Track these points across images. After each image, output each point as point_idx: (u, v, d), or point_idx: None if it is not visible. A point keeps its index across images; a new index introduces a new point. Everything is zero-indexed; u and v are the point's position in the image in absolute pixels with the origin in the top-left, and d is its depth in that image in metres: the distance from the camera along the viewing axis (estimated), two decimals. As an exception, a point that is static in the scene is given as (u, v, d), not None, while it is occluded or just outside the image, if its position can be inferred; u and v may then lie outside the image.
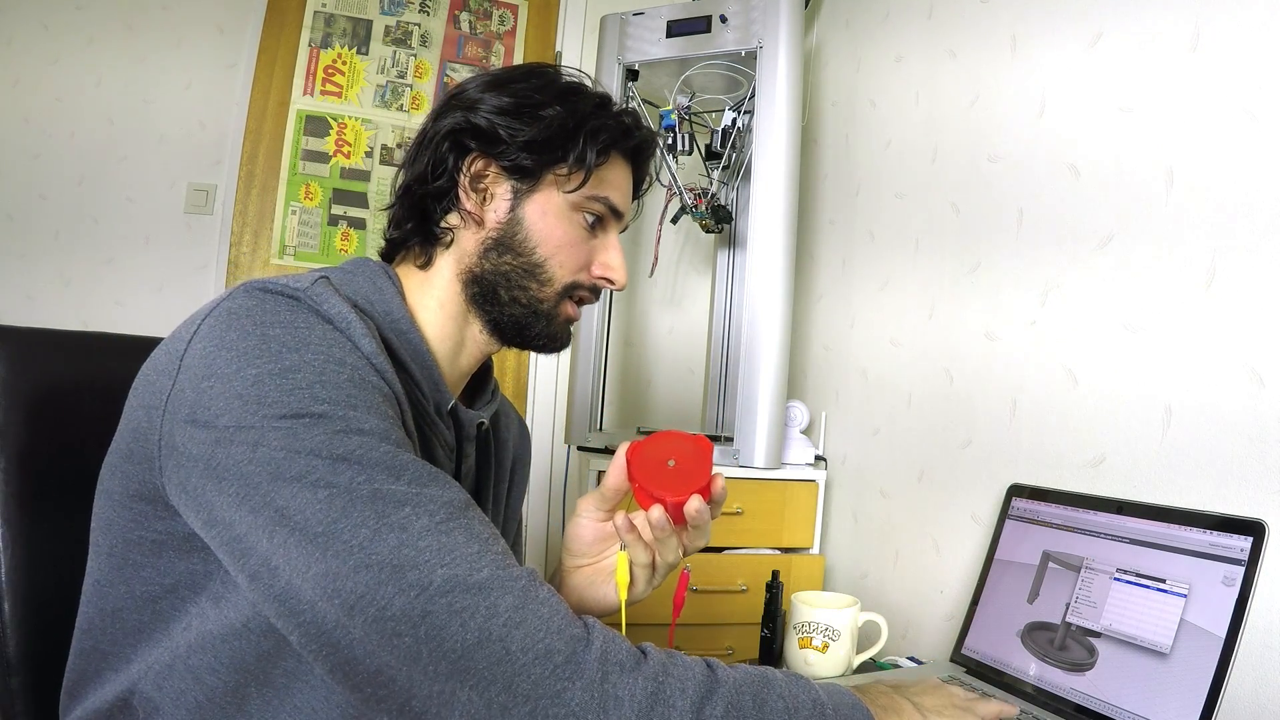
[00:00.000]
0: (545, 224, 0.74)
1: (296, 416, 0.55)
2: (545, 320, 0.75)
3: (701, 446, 0.67)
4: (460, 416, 0.76)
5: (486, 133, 0.72)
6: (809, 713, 0.58)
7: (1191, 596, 0.88)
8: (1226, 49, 1.00)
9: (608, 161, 0.76)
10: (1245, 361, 0.96)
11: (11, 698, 0.70)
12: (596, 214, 0.76)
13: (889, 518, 1.55)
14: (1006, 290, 1.31)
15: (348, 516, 0.53)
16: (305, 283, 0.63)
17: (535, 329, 0.75)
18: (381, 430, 0.57)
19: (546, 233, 0.74)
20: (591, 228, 0.76)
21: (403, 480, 0.56)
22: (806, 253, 1.90)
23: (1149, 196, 1.09)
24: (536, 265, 0.74)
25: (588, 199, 0.75)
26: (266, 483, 0.53)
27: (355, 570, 0.51)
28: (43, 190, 1.81)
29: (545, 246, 0.74)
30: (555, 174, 0.73)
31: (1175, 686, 0.85)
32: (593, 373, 1.80)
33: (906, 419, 1.52)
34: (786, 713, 0.57)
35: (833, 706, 0.60)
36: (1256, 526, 0.85)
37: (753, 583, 1.56)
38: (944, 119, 1.50)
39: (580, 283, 0.76)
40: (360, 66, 2.03)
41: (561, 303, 0.76)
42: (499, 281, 0.74)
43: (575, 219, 0.75)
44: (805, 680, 0.61)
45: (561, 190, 0.74)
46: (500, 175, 0.74)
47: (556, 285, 0.74)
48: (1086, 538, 1.02)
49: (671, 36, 1.73)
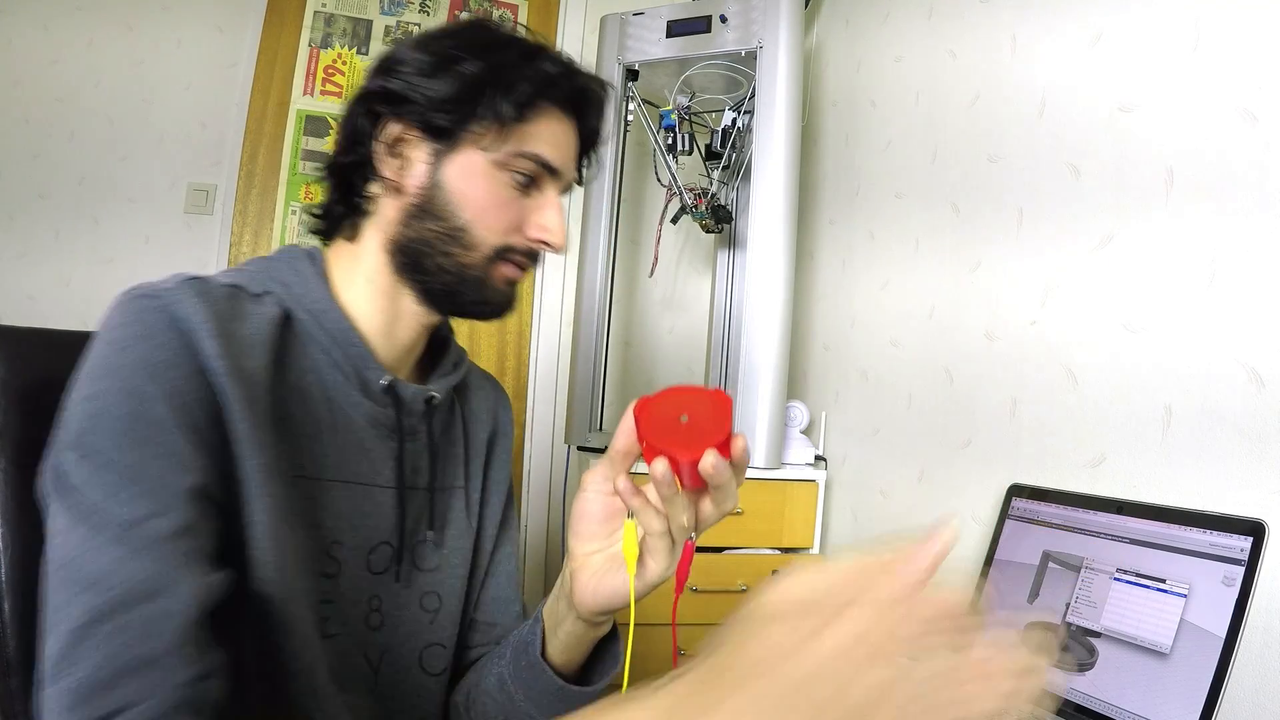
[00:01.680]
0: (467, 186, 0.69)
1: (74, 449, 0.56)
2: (476, 286, 0.71)
3: (719, 401, 0.59)
4: (400, 393, 0.72)
5: (399, 95, 0.69)
6: None
7: (1191, 596, 0.88)
8: (1226, 49, 1.00)
9: (538, 114, 0.70)
10: (1245, 361, 0.96)
11: (11, 698, 0.70)
12: (526, 173, 0.70)
13: (889, 518, 1.55)
14: (1006, 290, 1.31)
15: (52, 589, 0.55)
16: (174, 282, 0.62)
17: (467, 296, 0.71)
18: (119, 516, 0.53)
19: (469, 195, 0.69)
20: (524, 187, 0.71)
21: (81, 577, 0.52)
22: (806, 253, 1.90)
23: (1149, 196, 1.09)
24: (460, 230, 0.69)
25: (513, 156, 0.69)
26: (47, 498, 0.58)
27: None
28: (43, 190, 1.81)
29: (468, 209, 0.69)
30: (474, 132, 0.69)
31: (1175, 686, 0.85)
32: (593, 373, 1.80)
33: (906, 419, 1.52)
34: None
35: None
36: (1256, 526, 0.85)
37: (753, 583, 1.56)
38: (944, 119, 1.50)
39: (512, 245, 0.71)
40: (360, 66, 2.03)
41: (493, 266, 0.71)
42: (423, 249, 0.70)
43: (501, 178, 0.70)
44: None
45: (482, 149, 0.69)
46: (418, 138, 0.70)
47: (483, 249, 0.70)
48: (1086, 538, 1.02)
49: (671, 36, 1.73)
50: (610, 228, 1.80)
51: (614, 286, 1.85)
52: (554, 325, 2.13)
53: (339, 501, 0.68)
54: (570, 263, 2.08)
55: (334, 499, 0.68)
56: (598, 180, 1.80)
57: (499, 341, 2.08)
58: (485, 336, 2.06)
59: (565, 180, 0.74)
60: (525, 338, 2.12)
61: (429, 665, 0.75)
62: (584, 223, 1.85)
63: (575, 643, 0.69)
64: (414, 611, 0.74)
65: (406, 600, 0.74)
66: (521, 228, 0.71)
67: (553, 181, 0.72)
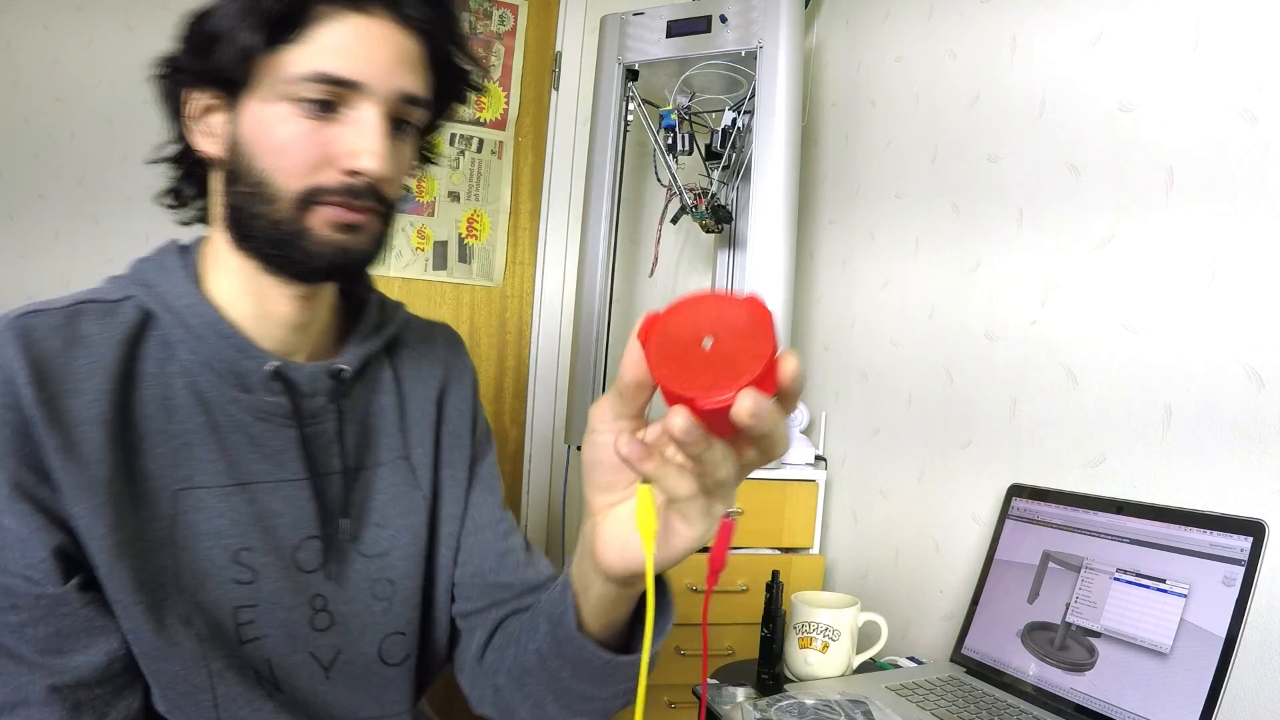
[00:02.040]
0: (258, 132, 0.62)
1: None
2: (293, 243, 0.62)
3: (755, 312, 0.41)
4: (292, 376, 0.66)
5: (181, 63, 0.64)
6: None
7: (1191, 596, 0.88)
8: (1226, 49, 1.00)
9: (314, 24, 0.60)
10: (1245, 361, 0.96)
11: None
12: (314, 98, 0.61)
13: (889, 518, 1.55)
14: (1006, 290, 1.31)
15: None
16: (14, 311, 0.61)
17: (292, 256, 0.63)
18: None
19: (261, 142, 0.62)
20: (321, 115, 0.61)
21: None
22: (806, 253, 1.90)
23: (1149, 196, 1.09)
24: (260, 183, 0.62)
25: (294, 83, 0.60)
26: None
27: None
28: (43, 190, 1.81)
29: (263, 158, 0.62)
30: (255, 72, 0.61)
31: (1175, 686, 0.85)
32: (593, 373, 1.80)
33: (906, 419, 1.52)
34: None
35: None
36: (1256, 526, 0.85)
37: (753, 583, 1.56)
38: (944, 119, 1.50)
39: (320, 185, 0.62)
40: (360, 66, 2.03)
41: (306, 215, 0.62)
42: (239, 216, 0.64)
43: (288, 112, 0.61)
44: None
45: (266, 87, 0.61)
46: (216, 103, 0.64)
47: (287, 198, 0.62)
48: (1086, 538, 1.02)
49: (671, 36, 1.73)
50: (610, 228, 1.80)
51: (614, 286, 1.85)
52: (554, 325, 2.13)
53: (239, 506, 0.65)
54: (570, 263, 2.09)
55: (233, 505, 0.64)
56: (598, 180, 1.80)
57: (499, 341, 2.08)
58: (485, 336, 2.06)
59: (382, 93, 0.62)
60: (525, 338, 2.12)
61: (389, 655, 0.72)
62: (584, 223, 1.85)
63: (611, 605, 0.58)
64: (365, 603, 0.71)
65: (355, 593, 0.70)
66: (332, 161, 0.62)
67: (361, 98, 0.62)
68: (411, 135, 0.68)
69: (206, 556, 0.63)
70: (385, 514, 0.73)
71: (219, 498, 0.64)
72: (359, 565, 0.70)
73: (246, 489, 0.65)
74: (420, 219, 1.99)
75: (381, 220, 0.66)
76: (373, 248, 0.66)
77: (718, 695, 1.05)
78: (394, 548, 0.72)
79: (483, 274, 2.04)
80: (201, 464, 0.64)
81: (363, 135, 0.62)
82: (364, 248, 0.65)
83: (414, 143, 0.70)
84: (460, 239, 2.03)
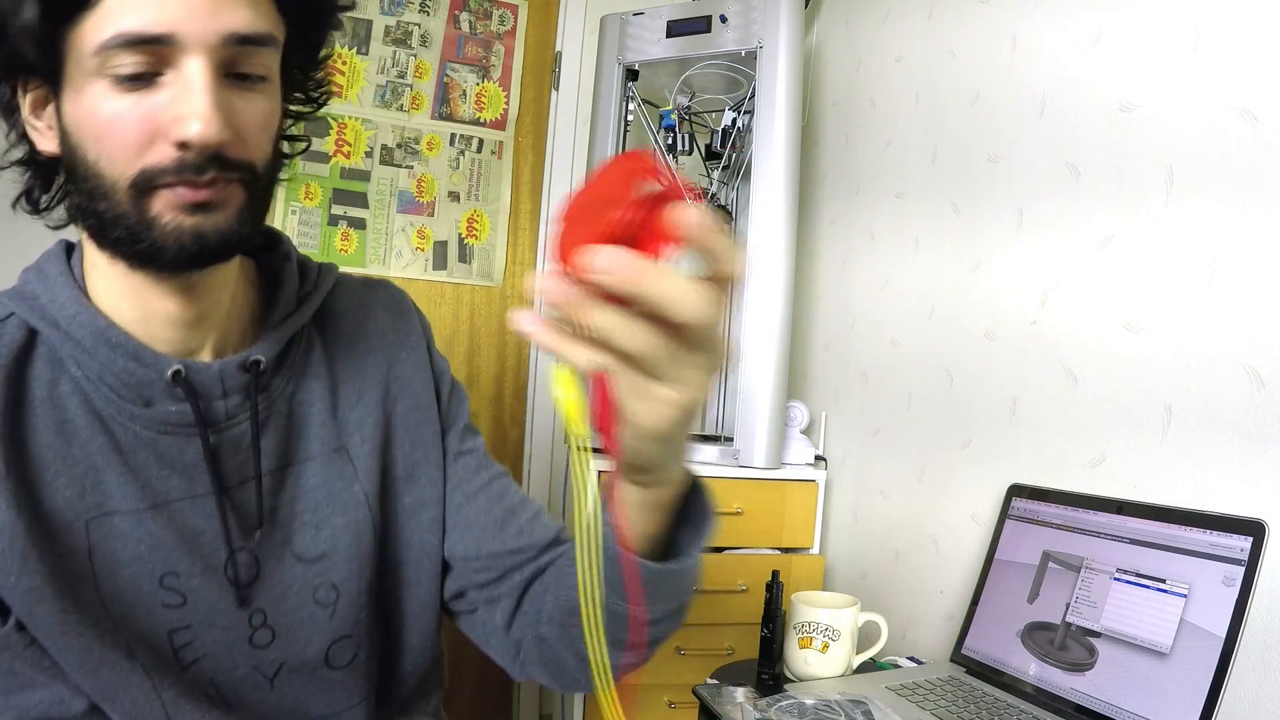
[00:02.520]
0: (79, 119, 0.53)
1: None
2: (141, 235, 0.54)
3: (626, 165, 0.38)
4: (196, 380, 0.60)
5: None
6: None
7: (1191, 596, 0.88)
8: (1226, 49, 1.00)
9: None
10: (1245, 361, 0.96)
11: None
12: (125, 70, 0.51)
13: (889, 518, 1.55)
14: (1006, 290, 1.31)
15: None
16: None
17: (145, 251, 0.55)
18: None
19: (84, 129, 0.53)
20: (137, 85, 0.52)
21: None
22: (806, 253, 1.90)
23: (1149, 196, 1.09)
24: (93, 176, 0.54)
25: (98, 54, 0.50)
26: None
27: None
28: (43, 190, 1.81)
29: (90, 147, 0.53)
30: (56, 54, 0.53)
31: (1175, 686, 0.85)
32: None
33: (906, 419, 1.52)
34: None
35: None
36: (1256, 526, 0.85)
37: (753, 583, 1.56)
38: (944, 119, 1.50)
39: (152, 166, 0.53)
40: (360, 66, 2.03)
41: (145, 202, 0.54)
42: (86, 215, 0.57)
43: (104, 90, 0.52)
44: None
45: (71, 68, 0.53)
46: (41, 94, 0.56)
47: (121, 187, 0.53)
48: (1086, 538, 1.02)
49: (671, 36, 1.73)
50: (610, 228, 1.80)
51: (614, 286, 1.85)
52: (554, 325, 2.13)
53: (157, 529, 0.59)
54: (570, 263, 2.09)
55: (150, 529, 0.59)
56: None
57: (499, 341, 2.08)
58: (485, 336, 2.06)
59: (202, 42, 0.51)
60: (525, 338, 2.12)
61: (335, 660, 0.68)
62: (584, 223, 1.85)
63: (640, 511, 0.54)
64: (309, 611, 0.66)
65: (297, 602, 0.65)
66: (162, 135, 0.52)
67: (179, 54, 0.51)
68: (267, 83, 0.58)
69: (131, 584, 0.58)
70: (321, 513, 0.66)
71: (134, 523, 0.59)
72: (298, 571, 0.65)
73: (163, 509, 0.60)
74: (420, 219, 1.99)
75: (244, 188, 0.56)
76: (239, 223, 0.56)
77: (718, 695, 1.05)
78: (333, 549, 0.67)
79: (483, 274, 2.04)
80: (111, 488, 0.58)
81: (185, 98, 0.51)
82: (226, 226, 0.55)
83: (274, 88, 0.59)
84: (460, 239, 2.03)
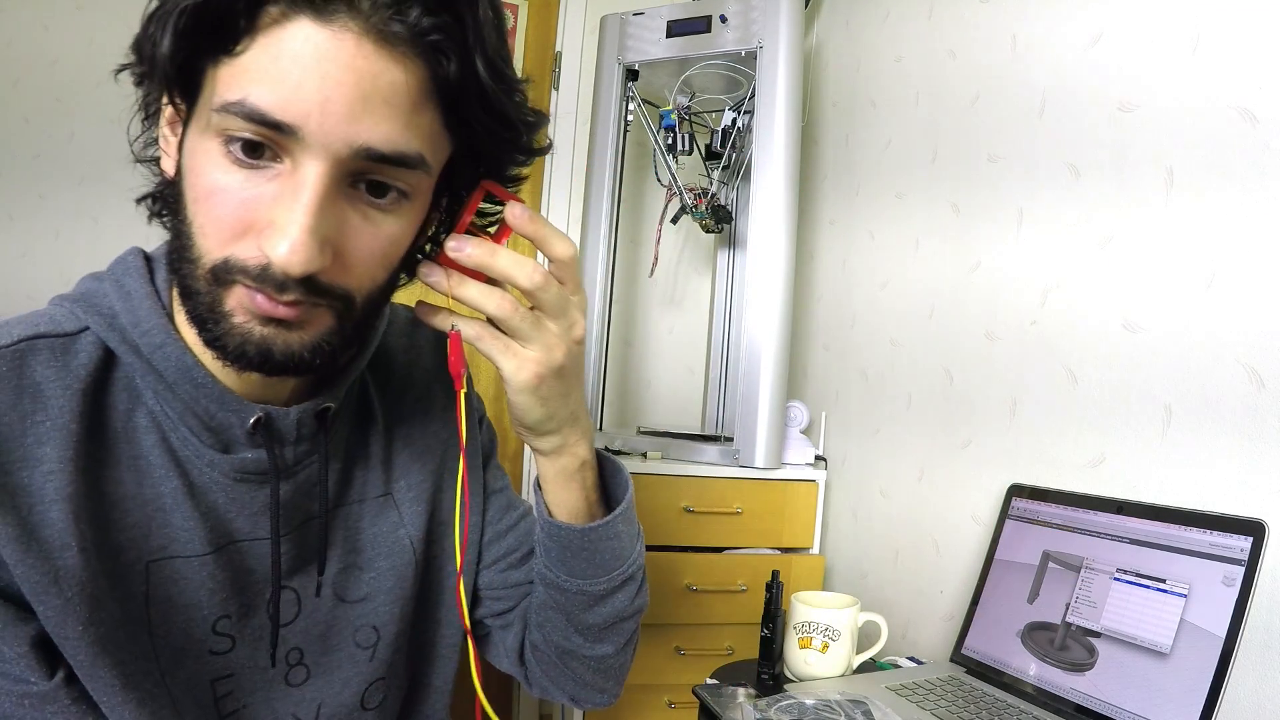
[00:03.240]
0: (191, 168, 0.48)
1: None
2: (208, 321, 0.49)
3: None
4: (276, 427, 0.57)
5: (139, 55, 0.48)
6: None
7: (1191, 596, 0.88)
8: (1226, 49, 1.00)
9: (259, 31, 0.44)
10: (1245, 361, 0.96)
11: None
12: (238, 136, 0.45)
13: (889, 518, 1.55)
14: (1006, 290, 1.31)
15: None
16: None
17: (214, 336, 0.50)
18: None
19: (190, 182, 0.48)
20: (250, 163, 0.46)
21: None
22: (806, 253, 1.90)
23: (1149, 196, 1.09)
24: (185, 232, 0.49)
25: (220, 111, 0.45)
26: None
27: None
28: (42, 190, 1.81)
29: (191, 203, 0.48)
30: (191, 86, 0.48)
31: (1175, 686, 0.85)
32: (593, 373, 1.80)
33: (906, 419, 1.52)
34: None
35: None
36: (1256, 526, 0.85)
37: (753, 583, 1.56)
38: (944, 119, 1.50)
39: (236, 260, 0.47)
40: (360, 66, 2.03)
41: (222, 292, 0.48)
42: (175, 260, 0.51)
43: (218, 151, 0.46)
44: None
45: (200, 108, 0.48)
46: (175, 116, 0.51)
47: (204, 263, 0.48)
48: (1086, 538, 1.02)
49: (671, 36, 1.73)
50: (610, 228, 1.80)
51: (614, 286, 1.85)
52: (554, 325, 2.13)
53: (217, 573, 0.56)
54: (570, 263, 2.09)
55: (211, 572, 0.56)
56: (598, 180, 1.80)
57: (499, 341, 2.09)
58: (485, 336, 2.07)
59: (327, 146, 0.45)
60: (525, 338, 2.12)
61: (369, 701, 0.67)
62: (584, 222, 1.85)
63: (562, 483, 0.68)
64: (348, 652, 0.65)
65: (337, 642, 0.64)
66: (254, 230, 0.47)
67: (300, 149, 0.45)
68: (407, 201, 0.51)
69: (184, 631, 0.55)
70: (367, 555, 0.66)
71: (196, 568, 0.55)
72: (340, 613, 0.64)
73: (224, 551, 0.57)
74: (420, 219, 1.99)
75: (334, 315, 0.51)
76: (313, 351, 0.50)
77: (717, 695, 1.05)
78: (377, 591, 0.66)
79: (483, 274, 2.04)
80: (177, 531, 0.55)
81: (287, 207, 0.45)
82: (299, 349, 0.50)
83: (416, 208, 0.53)
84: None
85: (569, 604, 0.71)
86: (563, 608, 0.72)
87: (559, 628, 0.73)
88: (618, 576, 0.71)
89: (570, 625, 0.72)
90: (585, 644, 0.73)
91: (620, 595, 0.71)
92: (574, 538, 0.68)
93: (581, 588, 0.70)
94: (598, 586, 0.70)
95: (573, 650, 0.73)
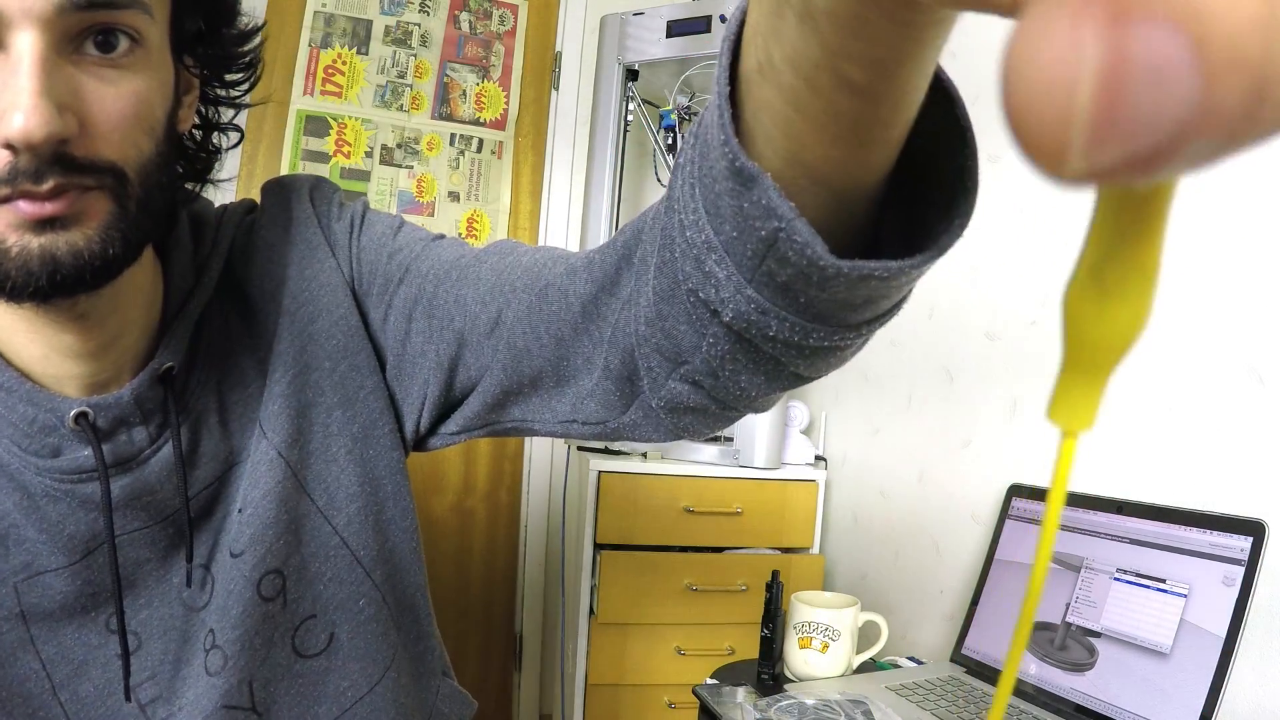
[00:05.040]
0: None
1: None
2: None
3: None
4: (103, 421, 0.49)
5: None
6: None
7: (1191, 596, 0.88)
8: (1226, 49, 1.00)
9: None
10: (1245, 361, 0.96)
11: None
12: None
13: (889, 518, 1.55)
14: (1006, 290, 1.31)
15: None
16: None
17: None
18: None
19: None
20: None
21: None
22: (806, 253, 1.90)
23: (1149, 196, 1.09)
24: None
25: None
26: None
27: None
28: (43, 190, 1.81)
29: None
30: None
31: (1175, 686, 0.85)
32: (593, 373, 1.80)
33: (906, 419, 1.52)
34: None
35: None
36: (1256, 526, 0.85)
37: (753, 583, 1.56)
38: (944, 119, 1.50)
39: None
40: (360, 66, 2.03)
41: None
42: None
43: None
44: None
45: None
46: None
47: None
48: (1086, 538, 1.02)
49: (671, 36, 1.73)
50: (610, 228, 1.80)
51: (614, 286, 1.85)
52: (554, 325, 2.13)
53: (94, 576, 0.52)
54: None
55: (86, 577, 0.52)
56: (598, 180, 1.80)
57: (499, 341, 2.08)
58: (485, 336, 2.07)
59: (32, 11, 0.39)
60: (525, 338, 2.12)
61: (304, 648, 0.58)
62: (584, 223, 1.85)
63: (813, 92, 0.25)
64: (258, 615, 0.55)
65: (245, 609, 0.54)
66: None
67: (8, 31, 0.40)
68: (141, 50, 0.45)
69: (76, 640, 0.51)
70: (246, 497, 0.56)
71: (66, 579, 0.50)
72: (234, 572, 0.55)
73: (97, 554, 0.51)
74: (420, 219, 1.99)
75: (111, 196, 0.44)
76: (103, 242, 0.43)
77: (718, 695, 1.05)
78: (258, 524, 0.55)
79: (483, 274, 2.04)
80: (34, 544, 0.50)
81: (8, 86, 0.40)
82: (86, 246, 0.43)
83: (155, 61, 0.46)
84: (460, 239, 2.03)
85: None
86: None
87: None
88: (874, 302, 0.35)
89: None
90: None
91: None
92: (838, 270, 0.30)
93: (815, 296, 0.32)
94: (829, 293, 0.31)
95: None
